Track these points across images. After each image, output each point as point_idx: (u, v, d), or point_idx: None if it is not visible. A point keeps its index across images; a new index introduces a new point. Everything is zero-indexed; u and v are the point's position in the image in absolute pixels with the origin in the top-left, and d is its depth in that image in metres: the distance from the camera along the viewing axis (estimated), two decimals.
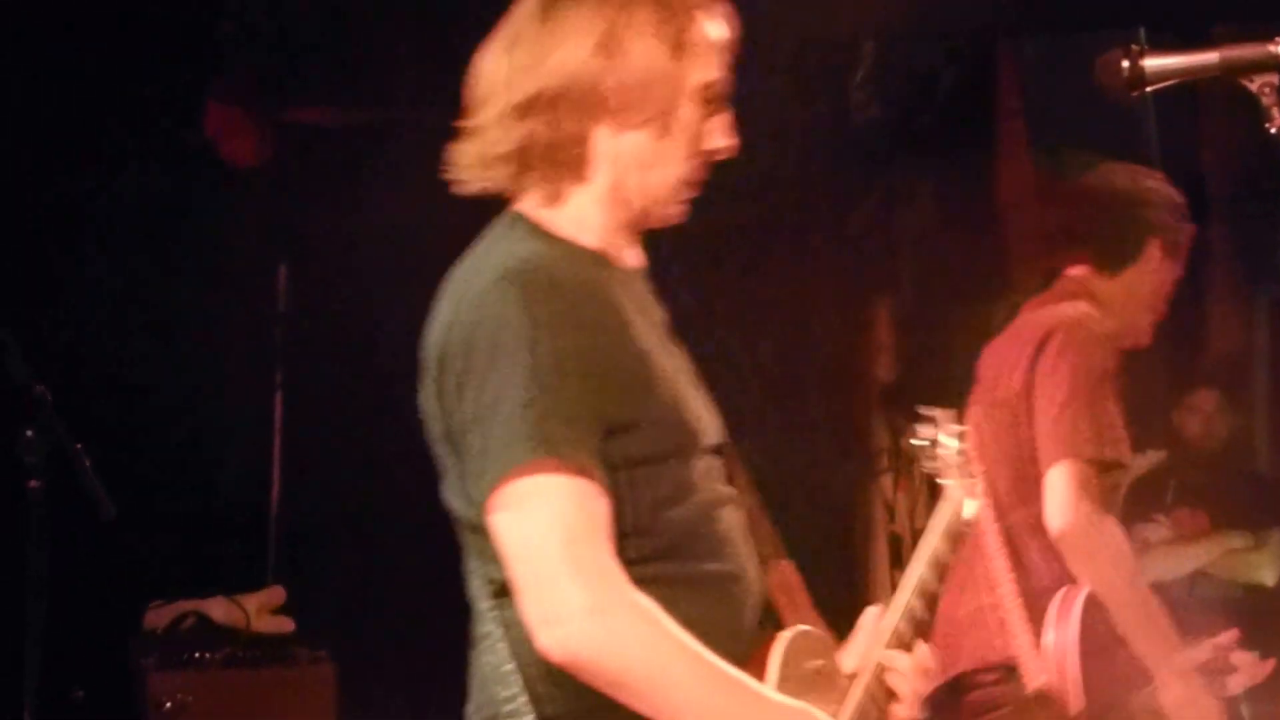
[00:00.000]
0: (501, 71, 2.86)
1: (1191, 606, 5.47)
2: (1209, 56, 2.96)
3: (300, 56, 5.44)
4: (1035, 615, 4.20)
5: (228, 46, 5.45)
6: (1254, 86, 2.95)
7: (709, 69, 2.87)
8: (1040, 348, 4.37)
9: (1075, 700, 4.16)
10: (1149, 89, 2.99)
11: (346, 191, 5.57)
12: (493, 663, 2.79)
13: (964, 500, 3.24)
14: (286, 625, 5.55)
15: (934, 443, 3.30)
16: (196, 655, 5.37)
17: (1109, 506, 4.31)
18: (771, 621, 2.89)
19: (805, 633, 2.88)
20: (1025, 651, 4.16)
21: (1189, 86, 3.14)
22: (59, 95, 5.33)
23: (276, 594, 5.61)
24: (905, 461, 6.66)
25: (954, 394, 4.57)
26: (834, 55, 6.28)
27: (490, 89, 2.86)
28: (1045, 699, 4.16)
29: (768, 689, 2.77)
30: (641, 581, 2.71)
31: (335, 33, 5.37)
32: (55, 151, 5.38)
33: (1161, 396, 6.41)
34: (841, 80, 6.38)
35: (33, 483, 4.06)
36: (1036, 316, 4.48)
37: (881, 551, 6.47)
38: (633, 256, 2.94)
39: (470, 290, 2.79)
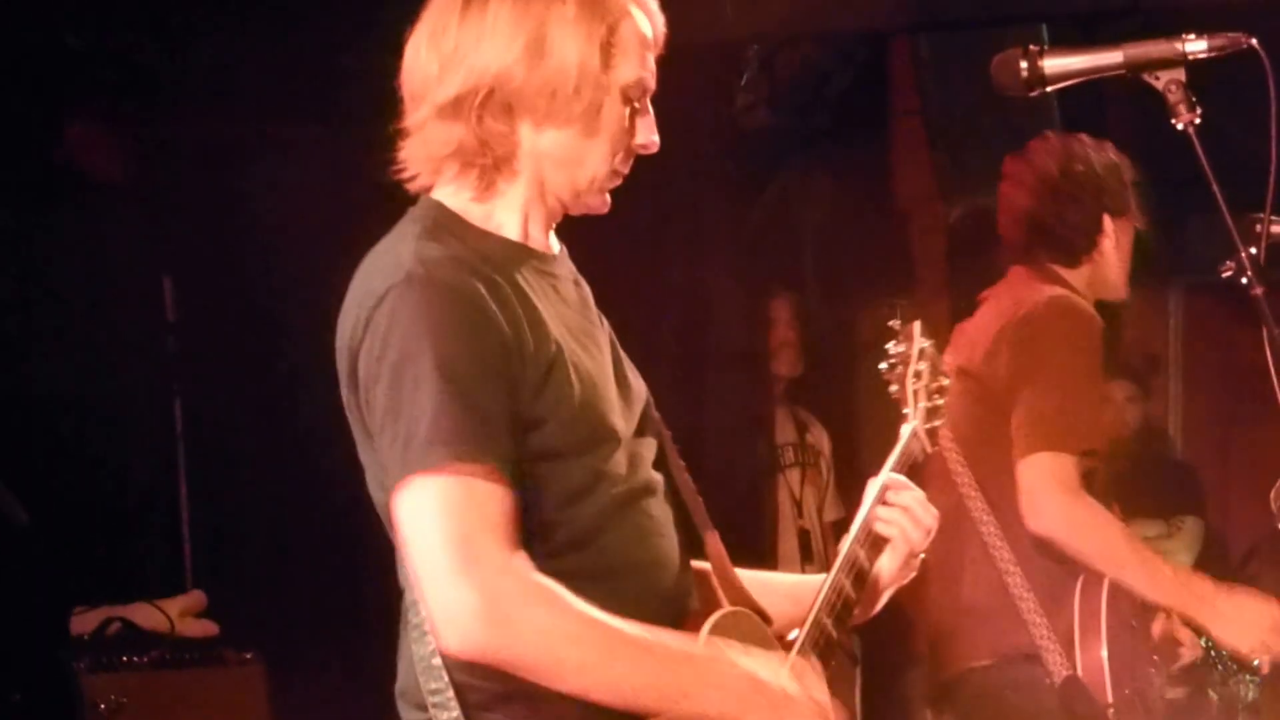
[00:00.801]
0: (430, 68, 2.86)
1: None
2: (1112, 55, 3.00)
3: (165, 70, 5.43)
4: (1046, 603, 4.18)
5: (86, 64, 5.41)
6: (1159, 84, 3.00)
7: (635, 68, 2.88)
8: (1020, 329, 4.31)
9: (1104, 691, 4.16)
10: (1049, 88, 3.04)
11: (221, 202, 5.60)
12: (420, 653, 2.80)
13: (923, 429, 3.28)
14: (211, 629, 5.57)
15: (902, 361, 3.33)
16: (125, 659, 5.39)
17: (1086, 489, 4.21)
18: (705, 606, 2.91)
19: (733, 613, 2.91)
20: (1045, 642, 4.16)
21: (1094, 81, 3.17)
22: None
23: (197, 598, 5.63)
24: (811, 456, 6.72)
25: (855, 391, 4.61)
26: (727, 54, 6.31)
27: (420, 86, 2.87)
28: (1073, 691, 4.15)
29: (686, 641, 2.79)
30: (556, 575, 2.72)
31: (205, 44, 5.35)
32: None
33: None
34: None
35: None
36: (1016, 297, 4.39)
37: (791, 546, 6.51)
38: (553, 243, 2.96)
39: (376, 286, 2.79)
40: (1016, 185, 4.47)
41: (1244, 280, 3.01)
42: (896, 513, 3.11)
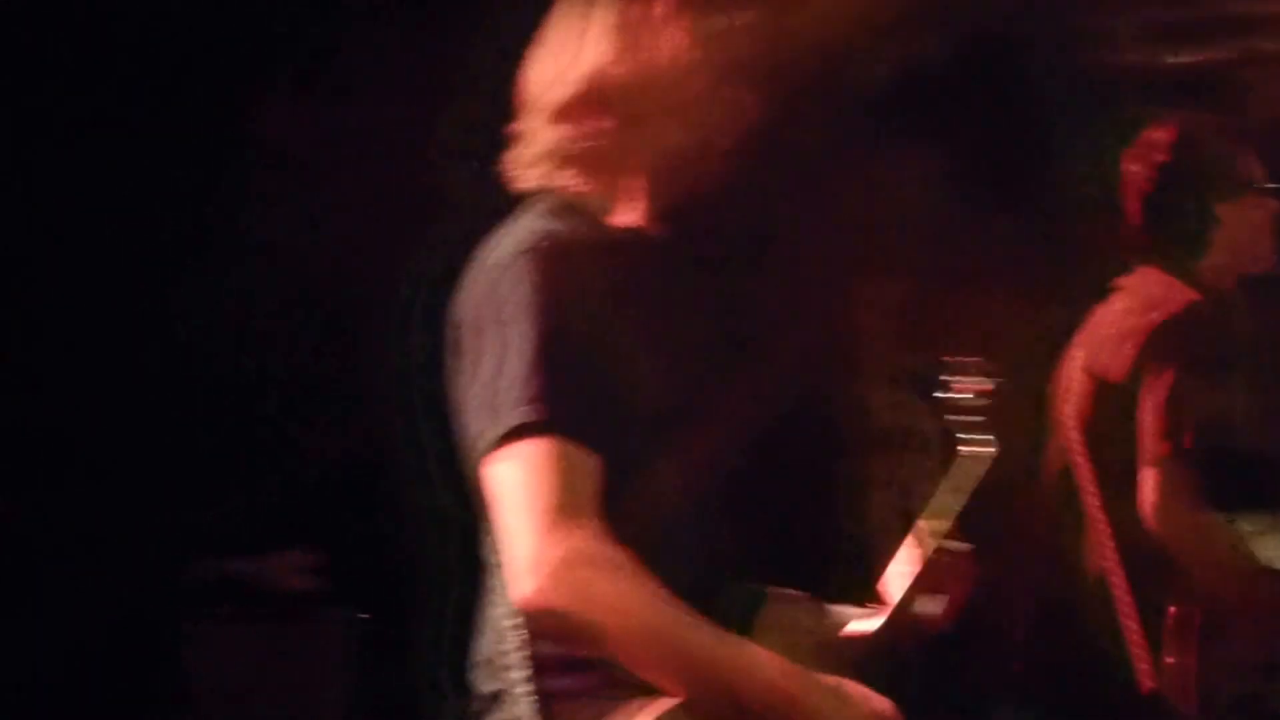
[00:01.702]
0: (538, 77, 3.01)
1: None
2: None
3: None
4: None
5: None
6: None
7: (732, 48, 2.96)
8: (1149, 339, 4.32)
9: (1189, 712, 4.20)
10: None
11: None
12: (495, 616, 2.92)
13: (977, 460, 3.29)
14: (310, 583, 5.73)
15: (959, 395, 3.36)
16: (229, 611, 5.56)
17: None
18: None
19: (787, 596, 3.02)
20: (1136, 649, 4.21)
21: None
22: None
23: (303, 555, 5.78)
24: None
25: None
26: None
27: (530, 95, 3.01)
28: (1157, 703, 4.18)
29: (746, 643, 2.83)
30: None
31: None
32: None
33: None
34: None
35: None
36: (1131, 302, 4.45)
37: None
38: (670, 232, 3.03)
39: (486, 263, 2.91)
40: (1134, 176, 4.50)
41: None
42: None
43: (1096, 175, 4.70)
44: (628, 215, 2.99)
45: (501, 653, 2.89)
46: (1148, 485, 4.20)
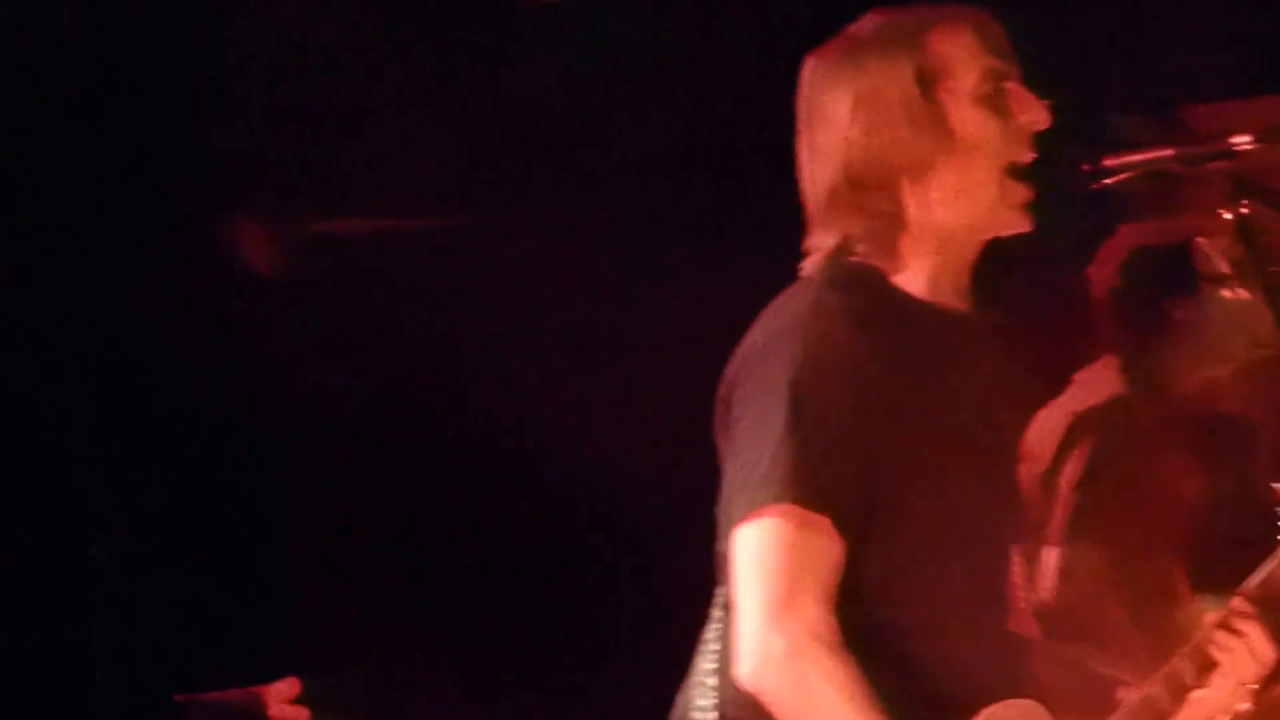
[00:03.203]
0: (804, 169, 3.08)
1: None
2: (1165, 151, 3.28)
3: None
4: None
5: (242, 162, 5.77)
6: (1209, 178, 3.30)
7: (970, 67, 3.01)
8: (1071, 429, 4.63)
9: None
10: (1107, 181, 3.27)
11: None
12: (704, 669, 3.06)
13: None
14: (303, 715, 5.69)
15: None
16: None
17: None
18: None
19: (1022, 703, 3.04)
20: None
21: None
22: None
23: (291, 684, 5.75)
24: None
25: None
26: None
27: (805, 186, 3.07)
28: None
29: None
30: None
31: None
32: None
33: None
34: None
35: None
36: (1074, 391, 4.76)
37: None
38: (969, 303, 3.07)
39: (766, 331, 2.99)
40: (1095, 274, 4.74)
41: None
42: (1236, 641, 3.12)
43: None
44: (918, 285, 3.01)
45: (696, 708, 3.04)
46: (1047, 565, 4.45)
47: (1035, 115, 3.01)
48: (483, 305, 5.58)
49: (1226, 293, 4.48)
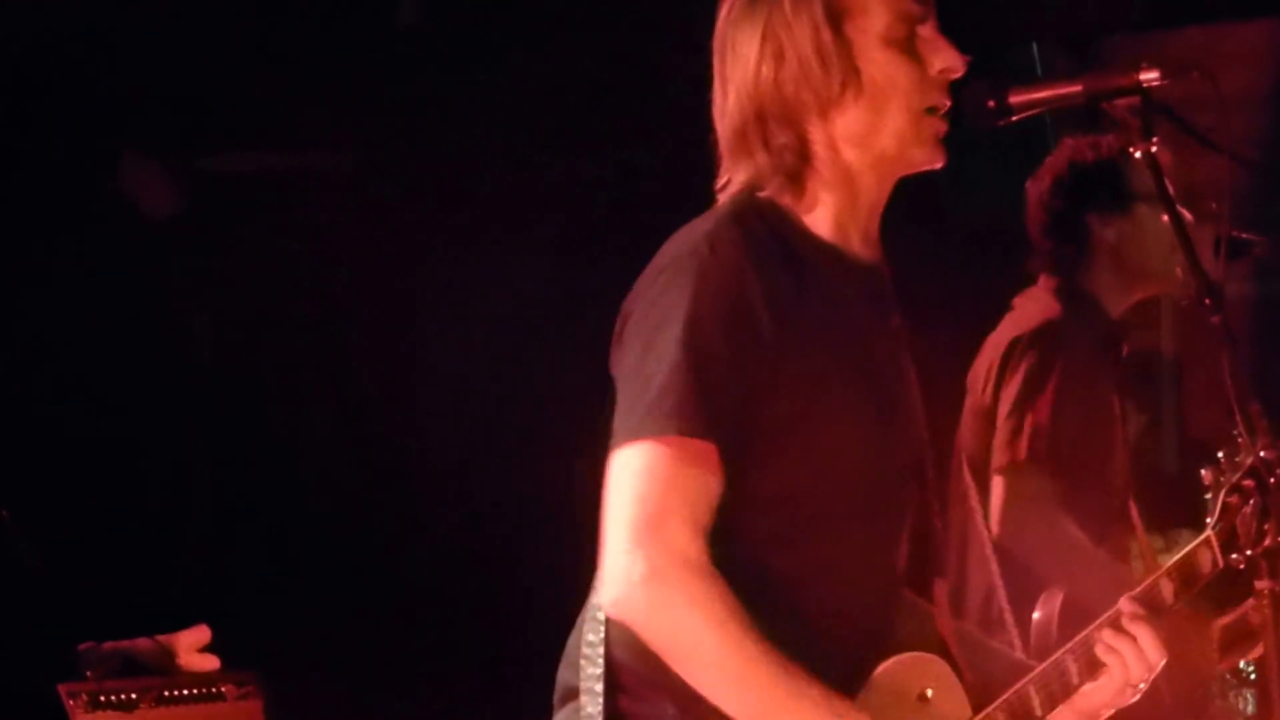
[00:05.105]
0: (718, 106, 2.98)
1: None
2: (1073, 86, 3.16)
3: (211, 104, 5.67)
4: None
5: (139, 99, 5.64)
6: (1117, 113, 3.19)
7: (877, 15, 2.92)
8: (1005, 357, 4.57)
9: None
10: (1015, 118, 3.16)
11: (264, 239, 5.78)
12: (590, 640, 2.90)
13: (1215, 541, 3.12)
14: (213, 662, 5.62)
15: (1229, 470, 3.16)
16: (124, 696, 5.42)
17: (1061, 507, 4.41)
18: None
19: (923, 659, 2.96)
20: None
21: None
22: None
23: (201, 632, 5.67)
24: None
25: None
26: None
27: (717, 123, 2.99)
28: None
29: (812, 682, 2.79)
30: (760, 567, 2.81)
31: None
32: None
33: None
34: None
35: None
36: (1010, 319, 4.69)
37: None
38: (871, 250, 2.98)
39: (661, 259, 2.89)
40: (1032, 189, 4.68)
41: (1205, 305, 3.12)
42: (1125, 642, 3.03)
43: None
44: (824, 227, 2.94)
45: (585, 676, 2.89)
46: (996, 493, 4.41)
47: (949, 62, 2.93)
48: (369, 243, 5.45)
49: (1156, 215, 4.49)
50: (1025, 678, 2.98)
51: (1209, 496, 3.17)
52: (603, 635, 2.85)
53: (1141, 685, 3.02)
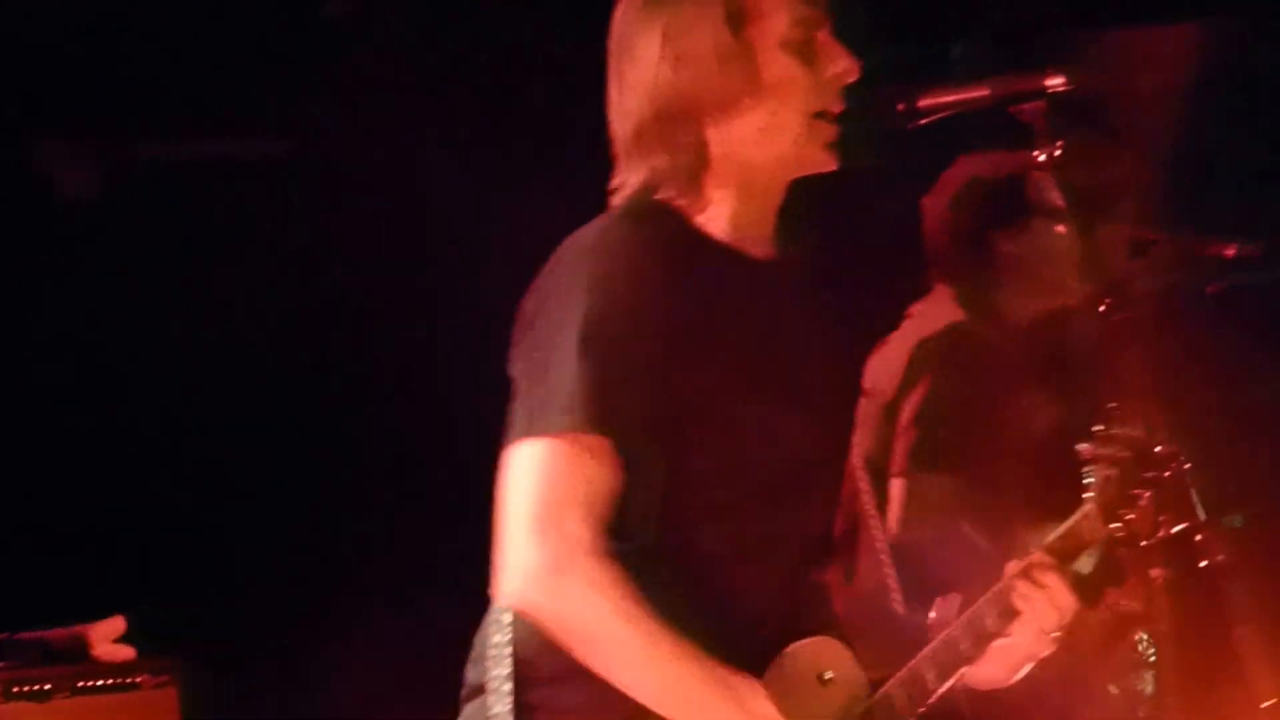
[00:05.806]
0: (614, 106, 3.00)
1: None
2: (980, 90, 3.18)
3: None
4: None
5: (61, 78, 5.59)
6: (1024, 117, 3.20)
7: (776, 18, 2.93)
8: (911, 360, 4.55)
9: None
10: (923, 121, 3.19)
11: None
12: (497, 641, 2.90)
13: (1096, 514, 3.14)
14: (128, 653, 5.60)
15: (1107, 443, 3.18)
16: (38, 687, 5.40)
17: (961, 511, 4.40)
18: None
19: (822, 642, 2.98)
20: None
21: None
22: None
23: (116, 623, 5.65)
24: None
25: None
26: None
27: (614, 123, 2.99)
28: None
29: (717, 666, 2.82)
30: (657, 554, 2.82)
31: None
32: None
33: None
34: None
35: None
36: (911, 325, 4.67)
37: None
38: (773, 247, 3.01)
39: (555, 260, 2.90)
40: (929, 205, 4.69)
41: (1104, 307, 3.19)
42: (1037, 592, 3.07)
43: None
44: (720, 228, 2.95)
45: (492, 676, 2.89)
46: (895, 496, 4.41)
47: (844, 68, 2.96)
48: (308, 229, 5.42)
49: (1058, 227, 4.50)
50: (916, 656, 3.03)
51: (1087, 470, 3.20)
52: (509, 636, 2.86)
53: (1055, 634, 3.07)
